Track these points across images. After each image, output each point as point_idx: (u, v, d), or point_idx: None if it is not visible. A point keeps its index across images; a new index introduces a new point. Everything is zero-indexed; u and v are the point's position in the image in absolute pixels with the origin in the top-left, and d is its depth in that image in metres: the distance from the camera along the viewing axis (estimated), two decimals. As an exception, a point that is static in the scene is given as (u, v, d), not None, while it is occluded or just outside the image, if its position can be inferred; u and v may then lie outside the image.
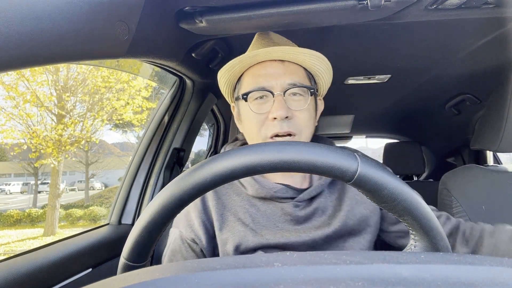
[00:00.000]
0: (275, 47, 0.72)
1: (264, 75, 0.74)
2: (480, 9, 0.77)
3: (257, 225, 0.73)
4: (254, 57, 0.74)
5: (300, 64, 0.77)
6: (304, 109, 0.74)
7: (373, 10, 0.74)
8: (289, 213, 0.74)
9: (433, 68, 1.36)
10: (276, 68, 0.75)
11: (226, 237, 0.72)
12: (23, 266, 0.73)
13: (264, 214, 0.74)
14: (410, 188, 0.39)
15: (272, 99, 0.72)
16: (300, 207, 0.75)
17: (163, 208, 0.38)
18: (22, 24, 0.43)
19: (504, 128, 1.03)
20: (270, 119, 0.72)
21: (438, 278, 0.23)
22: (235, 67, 0.76)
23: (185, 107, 1.30)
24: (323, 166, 0.37)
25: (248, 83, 0.76)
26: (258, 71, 0.75)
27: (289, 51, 0.73)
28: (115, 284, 0.24)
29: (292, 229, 0.73)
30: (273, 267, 0.25)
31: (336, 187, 0.81)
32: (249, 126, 0.76)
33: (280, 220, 0.73)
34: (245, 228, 0.72)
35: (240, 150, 0.38)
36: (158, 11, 0.72)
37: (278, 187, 0.75)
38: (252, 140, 0.77)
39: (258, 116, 0.73)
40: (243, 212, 0.74)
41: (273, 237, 0.72)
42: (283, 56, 0.75)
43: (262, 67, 0.75)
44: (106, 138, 22.22)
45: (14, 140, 8.04)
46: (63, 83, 7.71)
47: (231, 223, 0.73)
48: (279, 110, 0.70)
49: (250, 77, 0.76)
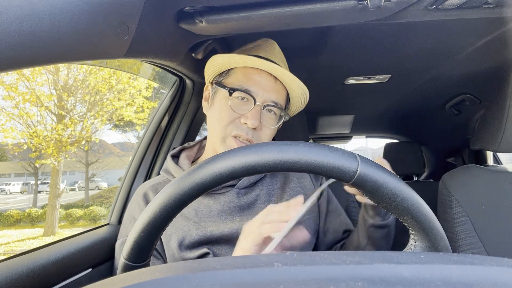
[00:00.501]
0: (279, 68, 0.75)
1: (256, 82, 0.78)
2: (480, 9, 0.77)
3: (201, 218, 0.74)
4: (255, 63, 0.76)
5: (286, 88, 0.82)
6: (272, 127, 0.80)
7: (373, 10, 0.74)
8: (231, 201, 0.76)
9: (433, 68, 1.36)
10: (269, 82, 0.78)
11: (170, 233, 0.73)
12: (23, 266, 0.73)
13: (207, 206, 0.75)
14: (410, 188, 0.39)
15: (252, 106, 0.76)
16: (241, 194, 0.77)
17: (163, 208, 0.38)
18: (22, 24, 0.43)
19: (504, 128, 1.03)
20: (241, 122, 0.76)
21: (438, 278, 0.23)
22: (236, 59, 0.78)
23: (185, 107, 1.30)
24: (323, 166, 0.37)
25: (238, 79, 0.79)
26: (252, 75, 0.78)
27: (289, 76, 0.77)
28: (115, 284, 0.24)
29: (237, 218, 0.74)
30: (273, 267, 0.25)
31: (278, 177, 0.84)
32: (220, 118, 0.78)
33: (223, 210, 0.75)
34: (188, 222, 0.73)
35: (240, 150, 0.38)
36: (158, 11, 0.72)
37: None
38: (215, 134, 0.79)
39: (232, 114, 0.76)
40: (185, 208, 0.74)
41: (217, 229, 0.72)
42: (280, 76, 0.78)
43: (257, 73, 0.78)
44: (106, 138, 22.23)
45: (14, 140, 8.05)
46: (63, 83, 7.71)
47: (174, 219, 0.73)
48: (253, 119, 0.74)
49: (243, 75, 0.79)
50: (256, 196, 0.77)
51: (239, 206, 0.75)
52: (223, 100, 0.79)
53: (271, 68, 0.76)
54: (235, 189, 0.77)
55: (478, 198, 1.07)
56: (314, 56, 1.24)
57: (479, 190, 1.08)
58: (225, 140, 0.77)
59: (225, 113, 0.77)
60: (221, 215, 0.74)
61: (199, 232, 0.72)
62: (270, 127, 0.79)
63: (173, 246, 0.72)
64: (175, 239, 0.72)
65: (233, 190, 0.77)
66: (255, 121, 0.74)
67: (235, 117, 0.76)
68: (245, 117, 0.75)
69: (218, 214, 0.74)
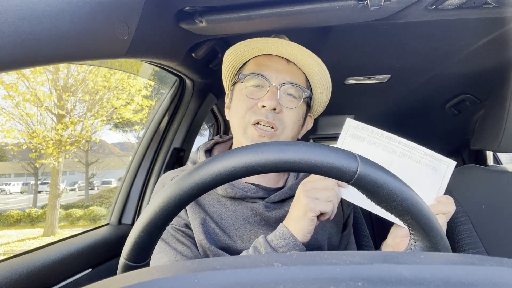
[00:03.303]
0: (285, 41, 0.73)
1: (267, 65, 0.76)
2: (480, 9, 0.77)
3: (226, 225, 0.71)
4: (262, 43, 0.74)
5: (303, 71, 0.78)
6: (293, 108, 0.75)
7: (373, 10, 0.74)
8: (259, 213, 0.72)
9: (433, 68, 1.36)
10: (281, 65, 0.76)
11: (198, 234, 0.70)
12: (23, 266, 0.73)
13: (233, 214, 0.72)
14: (410, 188, 0.39)
15: (267, 89, 0.73)
16: (271, 208, 0.73)
17: (163, 208, 0.38)
18: (22, 24, 0.43)
19: (504, 128, 1.03)
20: (259, 107, 0.72)
21: (438, 278, 0.23)
22: (242, 49, 0.77)
23: (185, 107, 1.30)
24: (323, 166, 0.37)
25: (250, 68, 0.78)
26: (263, 61, 0.77)
27: (297, 49, 0.73)
28: (115, 284, 0.24)
29: (261, 233, 0.70)
30: (273, 267, 0.25)
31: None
32: (237, 109, 0.76)
33: (249, 221, 0.71)
34: (214, 226, 0.71)
35: (240, 150, 0.38)
36: (158, 11, 0.72)
37: (248, 187, 0.74)
38: (235, 127, 0.76)
39: (249, 101, 0.74)
40: (213, 211, 0.72)
41: (241, 240, 0.69)
42: (290, 53, 0.75)
43: (268, 58, 0.77)
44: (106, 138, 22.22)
45: (14, 140, 8.05)
46: (63, 83, 7.71)
47: (201, 220, 0.71)
48: (269, 100, 0.71)
49: (254, 64, 0.78)
50: (284, 213, 0.72)
51: (266, 220, 0.72)
52: (239, 92, 0.77)
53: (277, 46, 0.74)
54: (264, 202, 0.73)
55: (478, 198, 1.07)
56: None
57: (479, 190, 1.08)
58: (246, 131, 0.73)
59: (241, 102, 0.75)
60: (246, 226, 0.71)
61: (222, 239, 0.69)
62: (291, 108, 0.74)
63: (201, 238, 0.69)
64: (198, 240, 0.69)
65: (262, 202, 0.73)
66: (272, 101, 0.70)
67: (252, 104, 0.73)
68: (262, 100, 0.72)
69: (243, 225, 0.71)
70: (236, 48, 0.78)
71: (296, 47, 0.74)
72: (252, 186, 0.74)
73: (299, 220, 0.59)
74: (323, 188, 0.60)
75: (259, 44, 0.75)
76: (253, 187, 0.74)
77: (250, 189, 0.73)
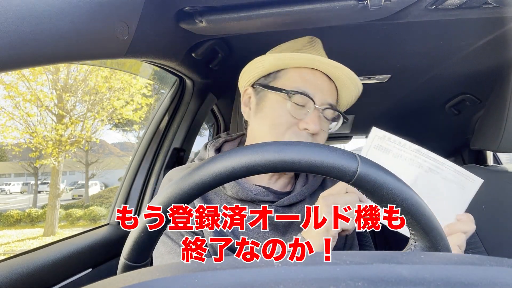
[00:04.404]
0: (336, 64, 0.70)
1: (313, 83, 0.72)
2: (480, 9, 0.77)
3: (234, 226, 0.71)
4: (311, 61, 0.71)
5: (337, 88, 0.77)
6: (326, 131, 0.74)
7: (373, 10, 0.74)
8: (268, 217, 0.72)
9: (433, 68, 1.36)
10: (324, 82, 0.73)
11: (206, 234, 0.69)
12: (23, 266, 0.73)
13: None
14: (410, 188, 0.39)
15: (311, 110, 0.70)
16: (279, 212, 0.72)
17: (163, 208, 0.38)
18: (22, 24, 0.43)
19: (504, 128, 1.03)
20: (300, 128, 0.70)
21: (438, 278, 0.23)
22: (286, 61, 0.72)
23: (185, 107, 1.30)
24: (323, 166, 0.37)
25: (293, 80, 0.72)
26: (308, 76, 0.72)
27: (349, 74, 0.72)
28: (115, 284, 0.24)
29: (269, 235, 0.70)
30: (273, 267, 0.25)
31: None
32: (274, 122, 0.72)
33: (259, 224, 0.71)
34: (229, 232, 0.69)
35: (240, 150, 0.38)
36: (158, 11, 0.72)
37: (258, 190, 0.73)
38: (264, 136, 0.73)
39: (290, 119, 0.70)
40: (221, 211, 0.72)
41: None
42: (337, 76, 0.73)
43: (312, 73, 0.73)
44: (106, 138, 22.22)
45: (14, 140, 8.05)
46: (63, 83, 7.71)
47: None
48: (314, 124, 0.69)
49: (298, 76, 0.73)
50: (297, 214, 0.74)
51: (274, 224, 0.71)
52: (277, 104, 0.72)
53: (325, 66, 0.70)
54: (274, 205, 0.72)
55: (478, 198, 1.07)
56: (314, 56, 1.24)
57: (479, 190, 1.08)
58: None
59: (281, 119, 0.70)
60: (255, 229, 0.70)
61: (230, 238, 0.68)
62: (326, 131, 0.74)
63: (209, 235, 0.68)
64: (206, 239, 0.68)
65: (272, 206, 0.72)
66: (317, 126, 0.69)
67: (292, 123, 0.70)
68: (305, 122, 0.69)
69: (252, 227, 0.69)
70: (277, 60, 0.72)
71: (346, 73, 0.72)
72: (262, 189, 0.73)
73: (320, 236, 0.58)
74: (344, 203, 0.58)
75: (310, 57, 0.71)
76: (263, 190, 0.73)
77: (260, 192, 0.73)
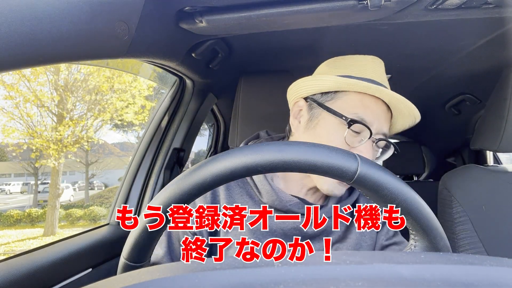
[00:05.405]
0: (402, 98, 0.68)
1: (373, 111, 0.70)
2: (480, 9, 0.77)
3: (255, 232, 0.69)
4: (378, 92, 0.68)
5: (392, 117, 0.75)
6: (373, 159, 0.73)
7: (373, 10, 0.74)
8: (298, 229, 0.71)
9: (433, 68, 1.36)
10: (383, 112, 0.71)
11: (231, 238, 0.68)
12: (23, 266, 0.73)
13: (274, 224, 0.71)
14: (410, 188, 0.39)
15: (366, 139, 0.68)
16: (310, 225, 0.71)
17: (163, 208, 0.38)
18: (22, 24, 0.43)
19: (504, 128, 1.03)
20: None
21: (438, 278, 0.23)
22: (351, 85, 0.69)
23: (185, 107, 1.30)
24: (323, 166, 0.37)
25: (353, 105, 0.70)
26: (369, 102, 0.70)
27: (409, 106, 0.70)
28: (115, 284, 0.24)
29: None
30: (273, 267, 0.25)
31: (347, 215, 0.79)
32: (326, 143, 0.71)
33: (288, 233, 0.71)
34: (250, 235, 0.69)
35: (240, 150, 0.38)
36: (158, 11, 0.72)
37: (293, 201, 0.72)
38: None
39: (344, 145, 0.69)
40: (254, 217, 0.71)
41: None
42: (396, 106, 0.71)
43: (374, 101, 0.70)
44: (106, 138, 22.22)
45: (14, 140, 8.05)
46: (63, 83, 7.71)
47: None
48: (368, 154, 0.68)
49: (359, 100, 0.70)
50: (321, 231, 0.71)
51: (303, 236, 0.70)
52: (333, 129, 0.70)
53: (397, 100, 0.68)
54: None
55: (478, 198, 1.07)
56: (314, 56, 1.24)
57: (479, 190, 1.08)
58: None
59: (335, 143, 0.66)
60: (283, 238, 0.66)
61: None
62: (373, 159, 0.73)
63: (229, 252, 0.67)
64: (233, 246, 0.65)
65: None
66: (370, 157, 0.67)
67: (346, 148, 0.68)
68: (359, 150, 0.67)
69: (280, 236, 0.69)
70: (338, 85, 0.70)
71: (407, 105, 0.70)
72: (297, 200, 0.72)
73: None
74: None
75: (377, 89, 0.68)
76: (298, 201, 0.72)
77: (295, 204, 0.72)
